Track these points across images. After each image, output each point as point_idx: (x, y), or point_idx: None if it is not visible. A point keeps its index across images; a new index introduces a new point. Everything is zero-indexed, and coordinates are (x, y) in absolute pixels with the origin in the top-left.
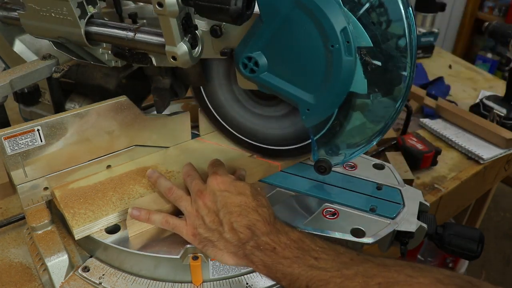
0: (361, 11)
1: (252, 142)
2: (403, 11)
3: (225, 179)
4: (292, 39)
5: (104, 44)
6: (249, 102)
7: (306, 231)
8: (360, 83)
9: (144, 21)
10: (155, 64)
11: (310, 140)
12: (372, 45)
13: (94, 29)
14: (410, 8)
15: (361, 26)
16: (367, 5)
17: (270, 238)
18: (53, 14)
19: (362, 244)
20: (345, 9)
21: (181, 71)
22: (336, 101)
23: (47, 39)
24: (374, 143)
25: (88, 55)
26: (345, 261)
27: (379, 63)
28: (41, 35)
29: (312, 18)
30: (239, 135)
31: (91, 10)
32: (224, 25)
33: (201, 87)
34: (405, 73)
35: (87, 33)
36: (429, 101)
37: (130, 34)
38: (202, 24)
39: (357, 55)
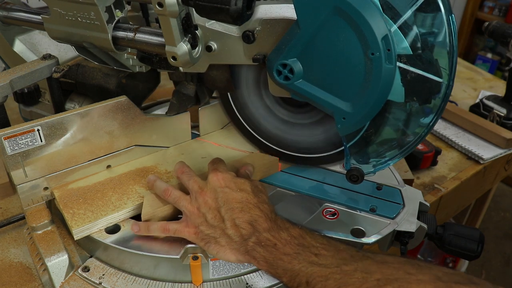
0: (402, 18)
1: (278, 149)
2: (445, 18)
3: (225, 175)
4: (330, 46)
5: (129, 49)
6: (279, 109)
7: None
8: (397, 92)
9: None
10: (182, 70)
11: (340, 148)
12: (411, 52)
13: (121, 34)
14: (453, 15)
15: (401, 33)
16: (408, 12)
17: (271, 234)
18: (79, 19)
19: (362, 244)
20: (386, 16)
21: (208, 77)
22: (373, 110)
23: (70, 44)
24: (407, 153)
25: (112, 60)
26: (345, 257)
27: (419, 71)
28: (65, 39)
29: (352, 24)
30: (266, 142)
31: (118, 14)
32: (257, 30)
33: (228, 93)
34: (444, 81)
35: (114, 38)
36: None
37: (130, 34)
38: (233, 30)
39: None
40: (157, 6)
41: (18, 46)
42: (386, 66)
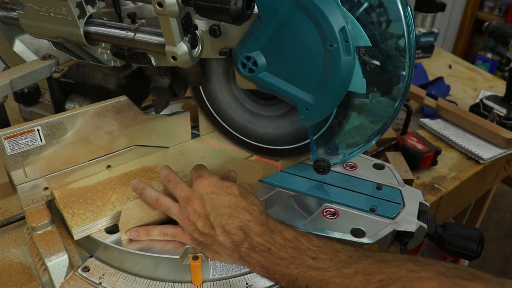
0: (360, 11)
1: (250, 141)
2: (401, 11)
3: (210, 180)
4: (291, 38)
5: (103, 44)
6: (248, 102)
7: (303, 230)
8: (359, 83)
9: (143, 21)
10: (154, 64)
11: (308, 140)
12: (370, 44)
13: (93, 29)
14: (409, 8)
15: (359, 25)
16: (365, 4)
17: (264, 238)
18: (52, 14)
19: (362, 244)
20: (344, 8)
21: (180, 71)
22: (335, 100)
23: (46, 39)
24: (373, 142)
25: (87, 55)
26: (343, 259)
27: (377, 63)
28: (40, 35)
29: (311, 18)
30: (237, 135)
31: (90, 10)
32: (223, 24)
33: (200, 86)
34: (404, 73)
35: (86, 33)
36: (429, 101)
37: (130, 34)
38: (201, 24)
39: (355, 54)
40: (157, 6)
41: (18, 46)
42: (345, 57)
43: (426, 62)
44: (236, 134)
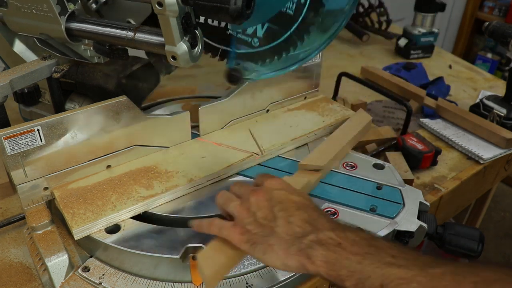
0: None
1: None
2: None
3: (282, 181)
4: None
5: (87, 40)
6: None
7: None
8: None
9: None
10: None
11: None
12: None
13: (75, 25)
14: None
15: None
16: None
17: (335, 233)
18: (34, 11)
19: None
20: None
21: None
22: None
23: (30, 36)
24: (296, 66)
25: (71, 52)
26: (427, 261)
27: None
28: (24, 31)
29: None
30: None
31: (71, 7)
32: None
33: None
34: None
35: (68, 30)
36: (429, 101)
37: (130, 34)
38: None
39: None
40: (157, 6)
41: (18, 46)
42: None
43: (426, 62)
44: None
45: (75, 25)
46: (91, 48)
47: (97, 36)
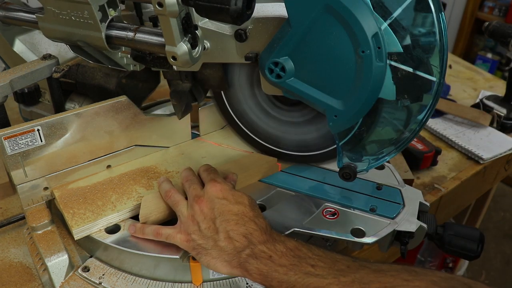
0: (393, 16)
1: (272, 147)
2: (435, 17)
3: (224, 187)
4: (321, 44)
5: (123, 48)
6: (272, 107)
7: (307, 231)
8: (388, 89)
9: None
10: (175, 69)
11: (333, 146)
12: (402, 50)
13: (115, 32)
14: (443, 14)
15: (391, 31)
16: (399, 10)
17: (267, 246)
18: (73, 18)
19: (362, 244)
20: (376, 14)
21: (202, 76)
22: (365, 107)
23: (65, 43)
24: (399, 150)
25: (107, 59)
26: (342, 268)
27: (409, 69)
28: (60, 38)
29: (342, 22)
30: (258, 140)
31: (112, 13)
32: (249, 29)
33: (222, 91)
34: (435, 80)
35: (108, 37)
36: None
37: (130, 34)
38: (226, 28)
39: (387, 61)
40: (157, 6)
41: (18, 46)
42: (377, 64)
43: None
44: (259, 140)
45: (115, 33)
46: (129, 55)
47: (135, 45)
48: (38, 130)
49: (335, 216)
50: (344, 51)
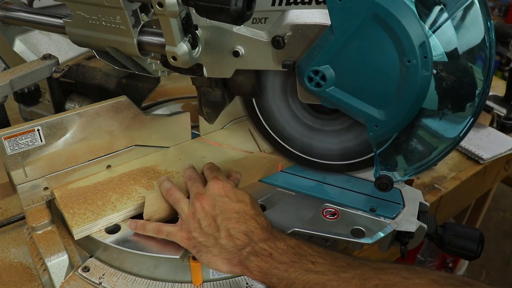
0: (439, 24)
1: (305, 156)
2: (483, 24)
3: (225, 184)
4: (364, 52)
5: (153, 53)
6: (306, 116)
7: (307, 231)
8: (431, 99)
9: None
10: (206, 75)
11: (368, 156)
12: (447, 59)
13: (146, 38)
14: (492, 22)
15: (437, 40)
16: (446, 17)
17: (267, 244)
18: (103, 23)
19: (362, 244)
20: (422, 22)
21: (233, 82)
22: (407, 117)
23: (91, 48)
24: (438, 162)
25: (134, 65)
26: (342, 265)
27: (454, 79)
28: (87, 43)
29: (388, 31)
30: (290, 148)
31: (144, 18)
32: (288, 36)
33: (253, 99)
34: (479, 89)
35: (139, 43)
36: None
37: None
38: (262, 35)
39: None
40: (157, 6)
41: (18, 46)
42: (423, 73)
43: None
44: (293, 150)
45: (147, 38)
46: (158, 62)
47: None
48: (38, 130)
49: (335, 216)
50: (388, 60)
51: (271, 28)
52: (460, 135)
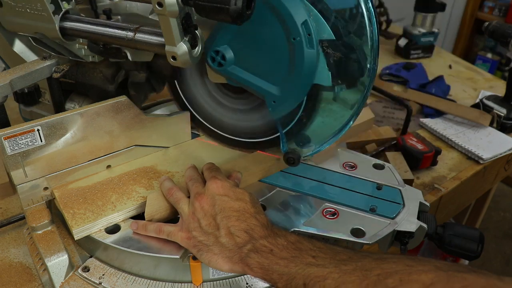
0: (322, 4)
1: (225, 135)
2: (363, 4)
3: (225, 184)
4: (257, 33)
5: (81, 39)
6: (222, 96)
7: (307, 231)
8: (324, 75)
9: (119, 17)
10: (130, 59)
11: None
12: (334, 37)
13: (69, 24)
14: (371, 1)
15: (322, 19)
16: None
17: (268, 240)
18: (28, 10)
19: (362, 244)
20: (307, 2)
21: (155, 66)
22: (300, 92)
23: (25, 35)
24: (341, 133)
25: (66, 50)
26: (343, 258)
27: (340, 55)
28: (19, 30)
29: (274, 12)
30: (212, 128)
31: (65, 6)
32: (196, 19)
33: (176, 81)
34: (368, 65)
35: (62, 29)
36: (398, 88)
37: (130, 34)
38: None
39: (319, 47)
40: (157, 6)
41: (18, 46)
42: (308, 50)
43: (426, 62)
44: (212, 128)
45: (70, 24)
46: (86, 47)
47: (91, 35)
48: (38, 130)
49: (335, 216)
50: (277, 39)
51: None
52: (358, 108)
